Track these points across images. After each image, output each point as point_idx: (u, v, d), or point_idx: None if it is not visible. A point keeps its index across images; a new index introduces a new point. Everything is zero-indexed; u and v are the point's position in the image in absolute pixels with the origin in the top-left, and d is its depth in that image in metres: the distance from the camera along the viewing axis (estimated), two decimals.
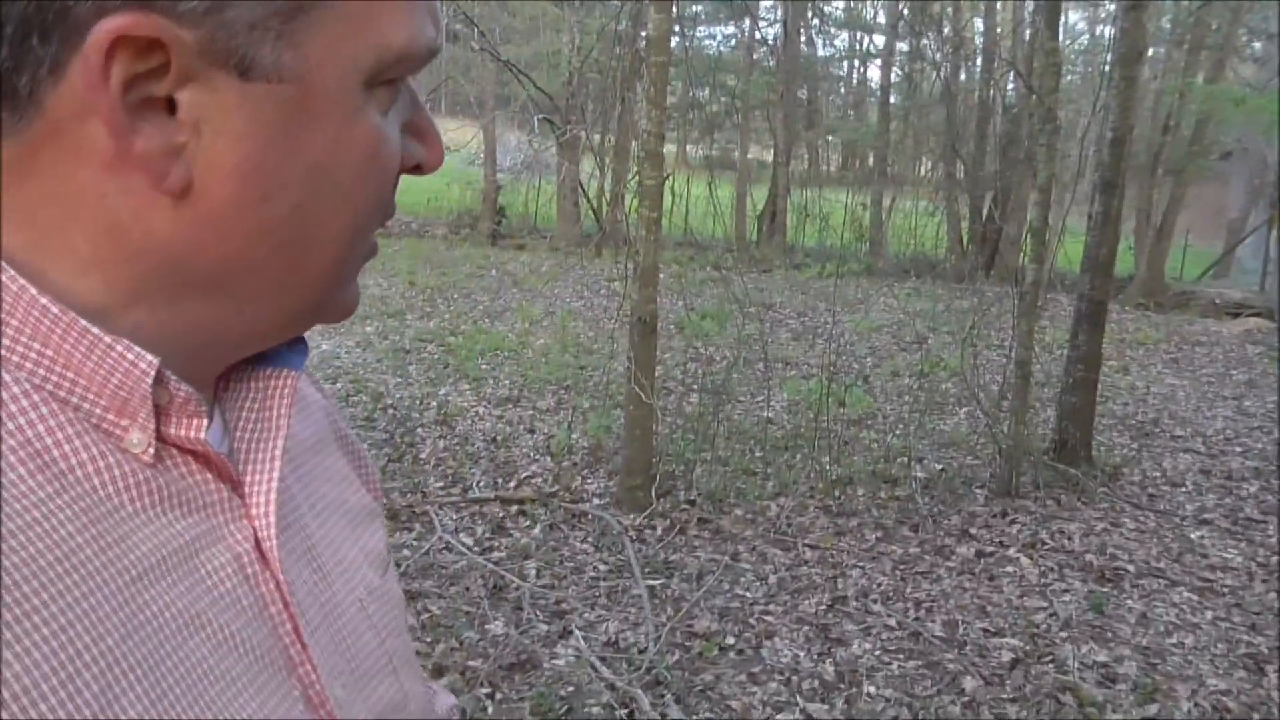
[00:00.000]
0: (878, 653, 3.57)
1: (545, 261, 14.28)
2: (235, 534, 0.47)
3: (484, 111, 17.67)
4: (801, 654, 3.53)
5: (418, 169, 0.50)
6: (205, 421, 0.44)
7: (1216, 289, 15.53)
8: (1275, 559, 4.61)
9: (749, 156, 19.72)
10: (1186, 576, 4.37)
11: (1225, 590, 4.24)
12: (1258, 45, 22.96)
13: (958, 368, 7.95)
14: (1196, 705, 3.30)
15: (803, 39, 19.74)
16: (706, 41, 28.20)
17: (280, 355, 0.51)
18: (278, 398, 0.50)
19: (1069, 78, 21.65)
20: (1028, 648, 3.64)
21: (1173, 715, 3.23)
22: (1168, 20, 17.45)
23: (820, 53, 26.30)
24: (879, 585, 4.15)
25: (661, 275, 4.93)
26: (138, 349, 0.42)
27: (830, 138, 27.09)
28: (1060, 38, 6.14)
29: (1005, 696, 3.30)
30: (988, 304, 8.50)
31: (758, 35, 17.98)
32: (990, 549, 4.57)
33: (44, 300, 0.40)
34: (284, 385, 0.51)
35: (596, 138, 14.53)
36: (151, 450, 0.43)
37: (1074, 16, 23.36)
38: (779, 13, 17.17)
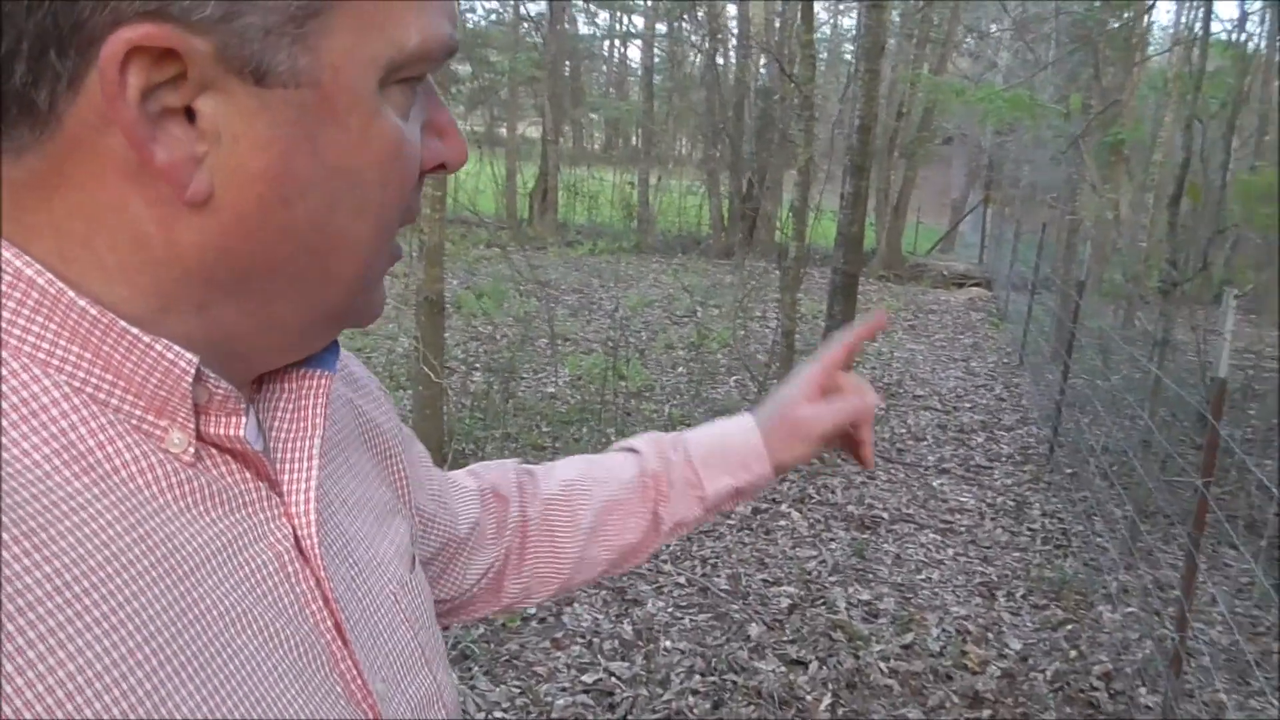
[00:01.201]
0: (671, 609, 3.81)
1: None
2: (275, 532, 0.47)
3: None
4: (600, 617, 3.70)
5: (441, 168, 0.50)
6: (244, 419, 0.45)
7: (944, 262, 17.21)
8: (1000, 499, 5.27)
9: (517, 133, 19.67)
10: (931, 520, 4.93)
11: (962, 529, 4.82)
12: (971, 41, 25.45)
13: (727, 339, 8.43)
14: (944, 630, 3.75)
15: (565, 16, 19.88)
16: (467, 15, 27.87)
17: (314, 356, 0.51)
18: (313, 398, 0.51)
19: (820, 66, 22.97)
20: (802, 593, 3.99)
21: (925, 641, 3.66)
22: (897, 14, 18.97)
23: (583, 30, 26.57)
24: (668, 547, 4.40)
25: None
26: (177, 348, 0.42)
27: (594, 115, 27.46)
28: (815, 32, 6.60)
29: (786, 639, 3.62)
30: (752, 278, 9.03)
31: (522, 11, 17.89)
32: (765, 506, 4.93)
33: (82, 303, 0.40)
34: (318, 386, 0.51)
35: None
36: (191, 450, 0.44)
37: (816, 6, 24.85)
38: None
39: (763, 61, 16.60)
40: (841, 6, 22.97)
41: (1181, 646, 3.05)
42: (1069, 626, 3.83)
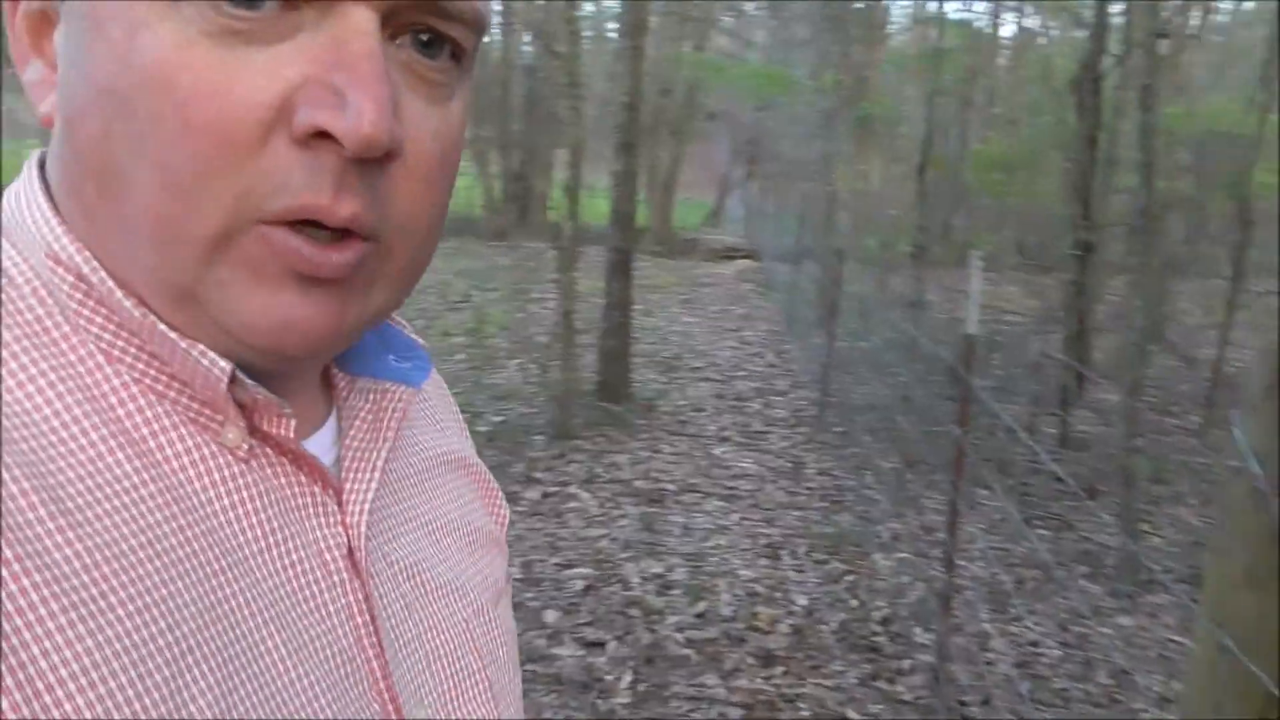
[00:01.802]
0: None
1: None
2: (328, 539, 0.46)
3: None
4: None
5: (323, 135, 0.37)
6: (291, 421, 0.43)
7: (714, 236, 17.79)
8: (778, 462, 5.47)
9: None
10: (715, 488, 5.03)
11: (745, 494, 4.96)
12: (729, 19, 26.35)
13: (506, 323, 8.29)
14: (734, 595, 3.83)
15: None
16: None
17: (402, 371, 0.52)
18: (390, 412, 0.50)
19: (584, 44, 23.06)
20: (596, 573, 3.96)
21: (717, 607, 3.72)
22: None
23: None
24: None
25: None
26: (211, 355, 0.40)
27: None
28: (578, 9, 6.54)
29: (583, 621, 3.58)
30: (528, 259, 8.93)
31: None
32: (554, 489, 4.87)
33: (128, 303, 0.41)
34: (396, 400, 0.51)
35: None
36: (245, 445, 0.43)
37: None
38: None
39: (527, 38, 16.44)
40: None
41: (950, 585, 3.26)
42: (849, 578, 4.02)
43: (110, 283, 0.41)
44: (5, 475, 0.36)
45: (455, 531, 0.57)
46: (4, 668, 0.33)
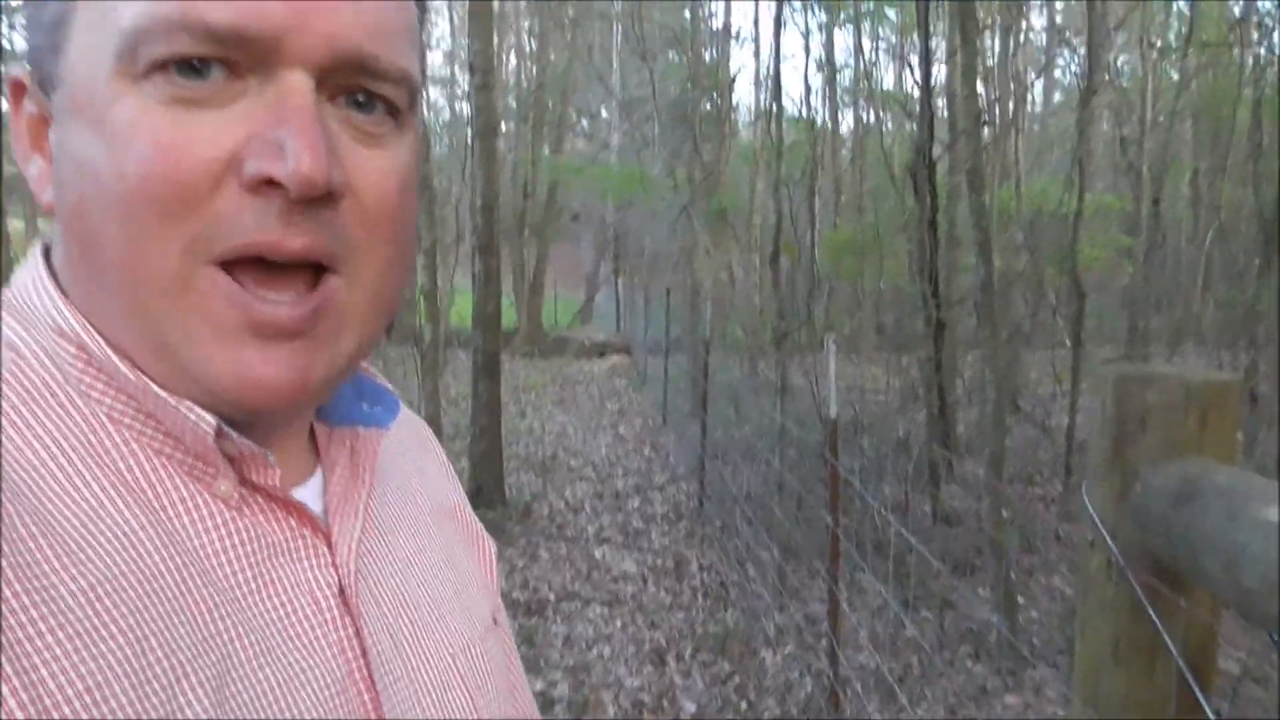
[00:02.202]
0: None
1: None
2: (319, 579, 0.49)
3: None
4: None
5: (269, 183, 0.42)
6: (276, 470, 0.47)
7: (585, 333, 17.84)
8: (660, 560, 5.35)
9: None
10: (596, 592, 4.87)
11: (628, 597, 4.81)
12: (585, 122, 27.09)
13: None
14: (619, 707, 3.66)
15: None
16: None
17: (373, 415, 0.56)
18: (365, 455, 0.55)
19: (437, 148, 23.25)
20: None
21: None
22: (513, 99, 19.68)
23: None
24: None
25: None
26: (199, 410, 0.45)
27: None
28: (426, 114, 6.53)
29: None
30: (391, 364, 8.68)
31: None
32: None
33: (123, 368, 0.45)
34: (370, 444, 0.55)
35: None
36: (236, 495, 0.47)
37: (434, 92, 25.21)
38: None
39: None
40: (457, 90, 23.44)
41: (834, 678, 3.18)
42: (736, 678, 3.90)
43: (107, 349, 0.45)
44: (14, 522, 0.40)
45: (440, 570, 0.60)
46: (15, 686, 0.36)
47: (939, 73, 8.15)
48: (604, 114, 25.15)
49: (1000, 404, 4.54)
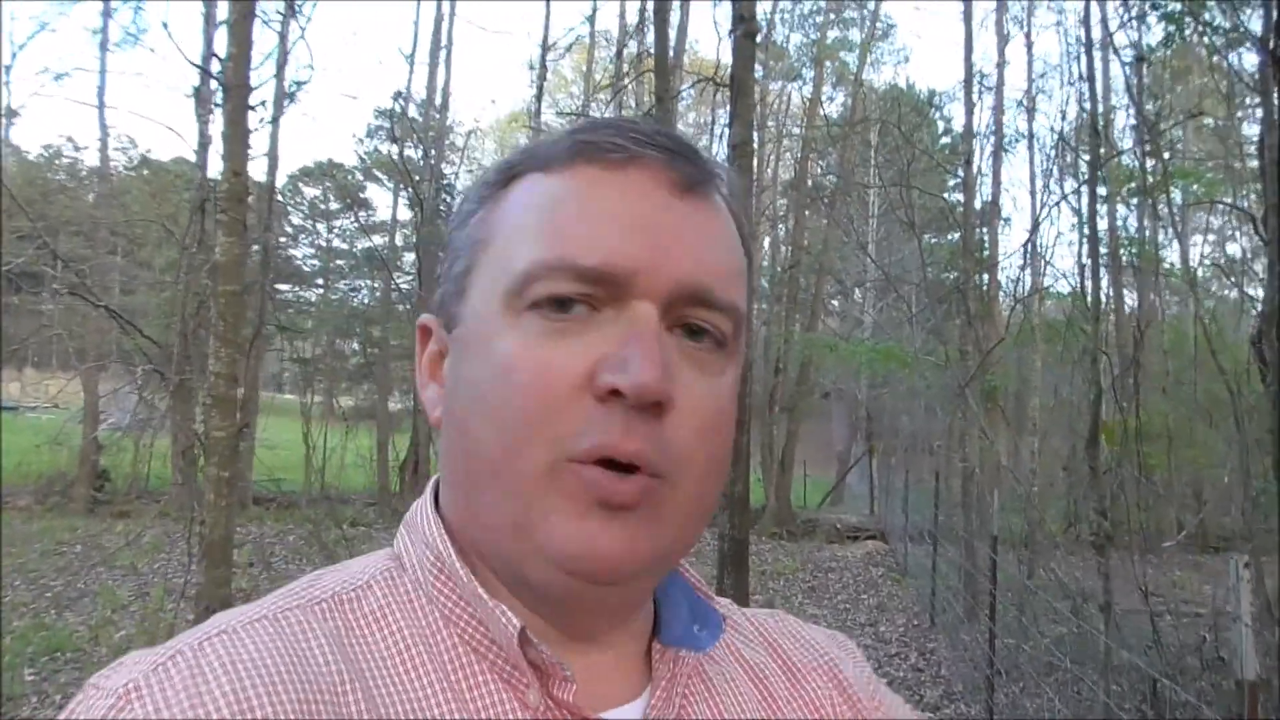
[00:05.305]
0: None
1: (150, 530, 12.34)
2: None
3: (82, 362, 15.67)
4: None
5: (615, 393, 0.51)
6: (573, 685, 0.53)
7: (835, 514, 16.85)
8: None
9: (392, 406, 19.09)
10: None
11: None
12: (836, 303, 26.88)
13: None
14: None
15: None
16: (350, 294, 28.00)
17: (699, 638, 0.61)
18: (679, 677, 0.59)
19: None
20: None
21: None
22: (766, 281, 19.79)
23: None
24: None
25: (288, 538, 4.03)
26: (509, 613, 0.52)
27: None
28: None
29: None
30: None
31: (393, 287, 17.87)
32: None
33: (460, 570, 0.55)
34: (687, 664, 0.60)
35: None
36: (542, 706, 0.52)
37: None
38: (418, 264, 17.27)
39: None
40: None
41: None
42: None
43: (454, 557, 0.55)
44: (350, 699, 0.49)
45: None
46: None
47: None
48: (857, 295, 24.83)
49: None
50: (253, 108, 3.80)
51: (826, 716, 0.65)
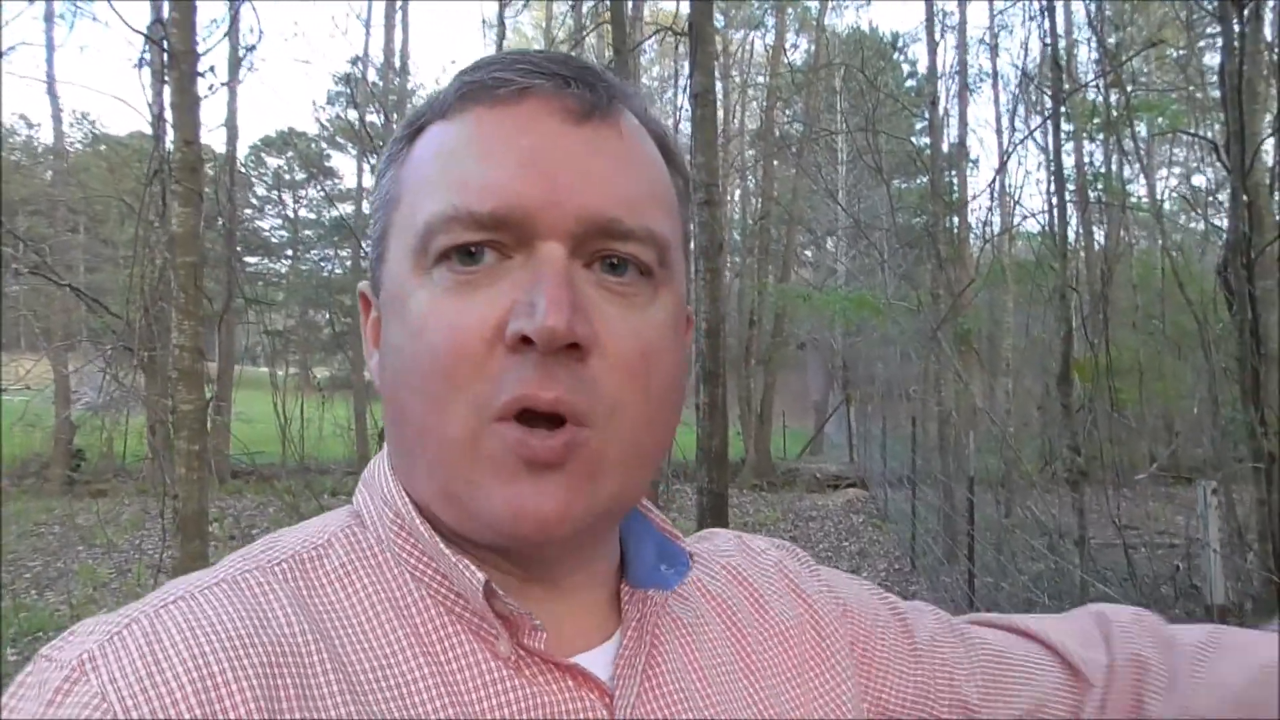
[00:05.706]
0: None
1: (128, 507, 12.26)
2: None
3: (49, 342, 15.45)
4: None
5: (525, 340, 0.49)
6: (543, 634, 0.51)
7: (815, 464, 17.01)
8: None
9: (367, 376, 18.97)
10: None
11: None
12: (809, 253, 26.86)
13: None
14: None
15: None
16: (321, 264, 27.69)
17: (665, 577, 0.59)
18: (649, 616, 0.59)
19: None
20: None
21: None
22: (737, 233, 19.72)
23: None
24: None
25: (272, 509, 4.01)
26: (472, 569, 0.51)
27: None
28: None
29: None
30: None
31: (362, 255, 17.69)
32: None
33: (423, 530, 0.53)
34: (656, 604, 0.60)
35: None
36: (513, 656, 0.52)
37: None
38: None
39: None
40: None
41: None
42: None
43: (414, 514, 0.54)
44: (314, 659, 0.48)
45: (775, 673, 0.63)
46: None
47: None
48: (830, 244, 24.81)
49: None
50: (201, 74, 3.70)
51: (792, 639, 0.66)
